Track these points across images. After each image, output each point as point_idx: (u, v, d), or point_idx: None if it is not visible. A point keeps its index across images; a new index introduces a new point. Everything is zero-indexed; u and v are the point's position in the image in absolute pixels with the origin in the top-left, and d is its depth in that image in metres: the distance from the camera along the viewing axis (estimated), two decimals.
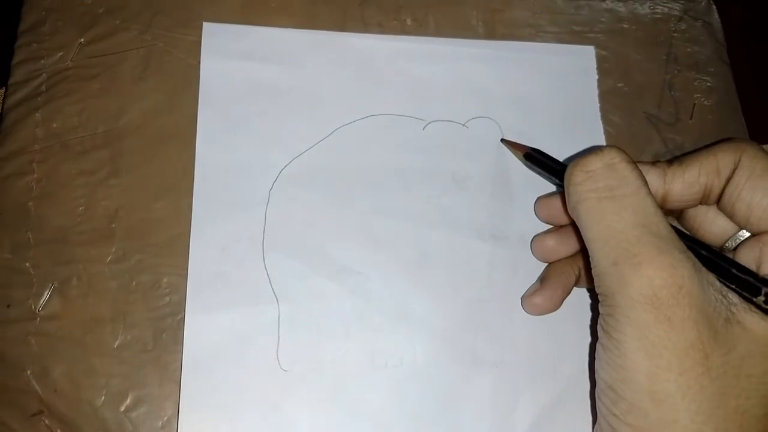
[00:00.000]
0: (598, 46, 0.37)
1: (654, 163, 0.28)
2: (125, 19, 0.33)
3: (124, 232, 0.29)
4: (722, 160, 0.26)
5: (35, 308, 0.28)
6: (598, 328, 0.25)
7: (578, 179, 0.25)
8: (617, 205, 0.24)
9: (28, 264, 0.29)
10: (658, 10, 0.39)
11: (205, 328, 0.29)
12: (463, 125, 0.34)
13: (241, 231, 0.30)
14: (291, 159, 0.32)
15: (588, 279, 0.30)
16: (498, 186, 0.33)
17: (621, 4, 0.38)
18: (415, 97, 0.34)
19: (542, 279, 0.31)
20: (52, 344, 0.28)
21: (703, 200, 0.28)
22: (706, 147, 0.27)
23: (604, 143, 0.35)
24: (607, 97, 0.36)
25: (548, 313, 0.30)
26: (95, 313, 0.28)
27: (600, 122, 0.35)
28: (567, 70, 0.36)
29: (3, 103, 0.31)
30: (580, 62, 0.36)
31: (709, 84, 0.37)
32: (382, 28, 0.35)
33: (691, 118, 0.37)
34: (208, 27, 0.33)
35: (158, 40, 0.33)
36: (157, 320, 0.29)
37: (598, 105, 0.36)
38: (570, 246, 0.30)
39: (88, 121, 0.31)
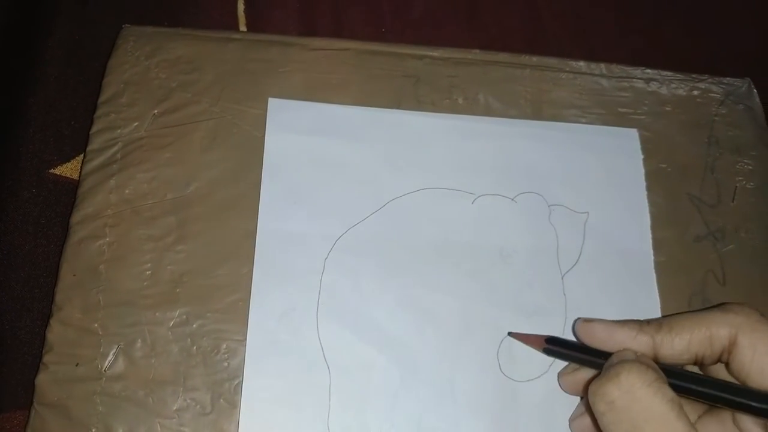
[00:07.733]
0: (642, 127, 0.38)
1: (642, 324, 0.28)
2: (196, 93, 0.35)
3: (187, 297, 0.31)
4: (715, 334, 0.26)
5: (101, 368, 0.29)
6: None
7: (600, 409, 0.25)
8: None
9: (96, 325, 0.30)
10: (700, 94, 0.40)
11: (261, 394, 0.30)
12: (512, 200, 0.35)
13: (297, 299, 0.32)
14: (346, 229, 0.33)
15: None
16: (544, 262, 0.34)
17: (663, 87, 0.40)
18: (465, 172, 0.36)
19: None
20: (116, 404, 0.29)
21: (697, 363, 0.27)
22: (697, 314, 0.27)
23: (648, 222, 0.36)
24: (650, 178, 0.37)
25: None
26: (157, 375, 0.29)
27: (646, 202, 0.36)
28: (612, 150, 0.37)
29: (81, 170, 0.33)
30: (624, 143, 0.38)
31: (750, 167, 0.38)
32: (435, 107, 0.37)
33: (732, 201, 0.38)
34: (273, 102, 0.35)
35: (226, 112, 0.35)
36: (215, 384, 0.30)
37: (644, 184, 0.37)
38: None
39: (157, 189, 0.33)
